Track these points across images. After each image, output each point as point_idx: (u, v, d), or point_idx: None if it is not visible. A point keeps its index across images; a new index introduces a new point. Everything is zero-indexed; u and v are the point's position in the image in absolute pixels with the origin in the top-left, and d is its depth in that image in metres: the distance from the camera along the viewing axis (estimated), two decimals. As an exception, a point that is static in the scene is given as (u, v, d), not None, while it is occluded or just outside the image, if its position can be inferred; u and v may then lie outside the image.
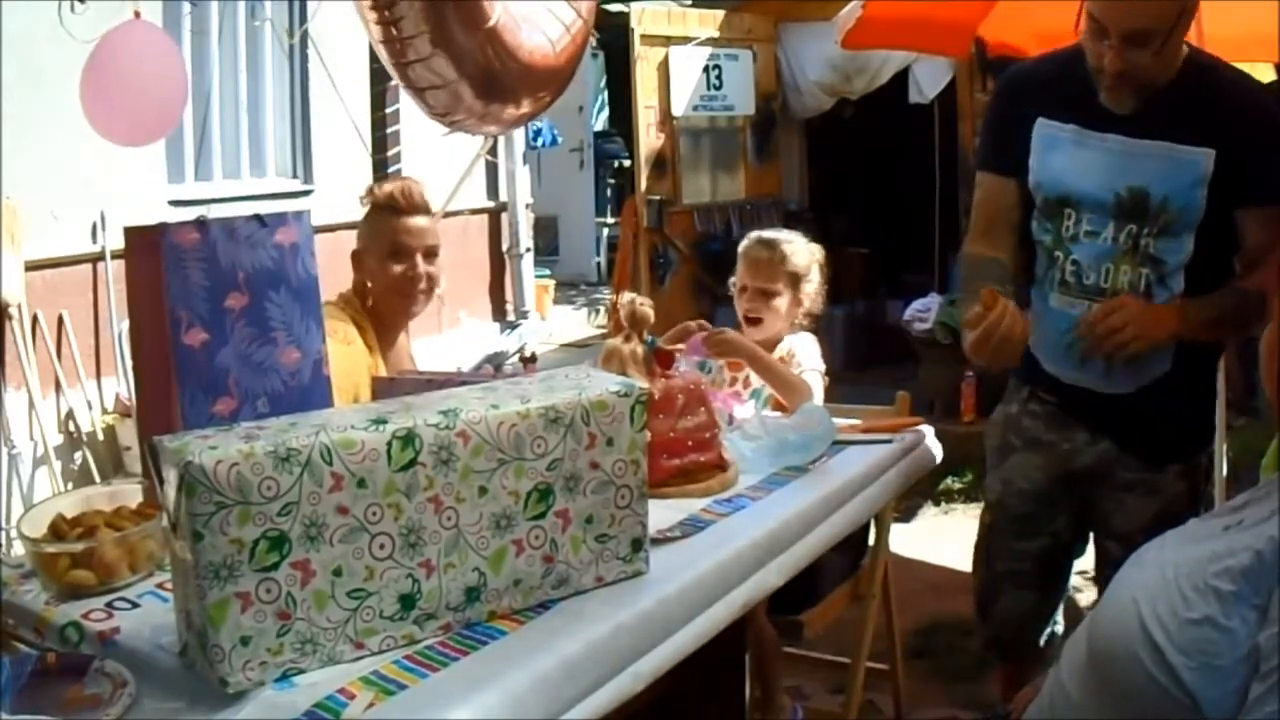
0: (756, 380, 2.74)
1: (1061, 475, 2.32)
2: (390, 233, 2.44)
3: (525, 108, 4.51)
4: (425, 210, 2.49)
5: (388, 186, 2.49)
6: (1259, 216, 2.10)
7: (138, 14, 4.14)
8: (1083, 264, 2.19)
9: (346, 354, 2.30)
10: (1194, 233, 2.12)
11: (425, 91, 4.23)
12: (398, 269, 2.44)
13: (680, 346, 2.54)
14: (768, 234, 2.92)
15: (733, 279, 2.89)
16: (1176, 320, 2.12)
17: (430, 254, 2.48)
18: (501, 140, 7.82)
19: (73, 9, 4.42)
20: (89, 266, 5.39)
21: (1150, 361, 2.17)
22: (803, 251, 2.83)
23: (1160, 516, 2.14)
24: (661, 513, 1.85)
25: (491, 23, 3.98)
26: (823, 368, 2.76)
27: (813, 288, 2.84)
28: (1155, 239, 2.13)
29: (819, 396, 2.66)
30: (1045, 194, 2.24)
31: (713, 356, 2.70)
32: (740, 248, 2.90)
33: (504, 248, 8.43)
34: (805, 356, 2.76)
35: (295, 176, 6.76)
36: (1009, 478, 2.39)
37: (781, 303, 2.80)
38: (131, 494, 1.83)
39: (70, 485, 5.00)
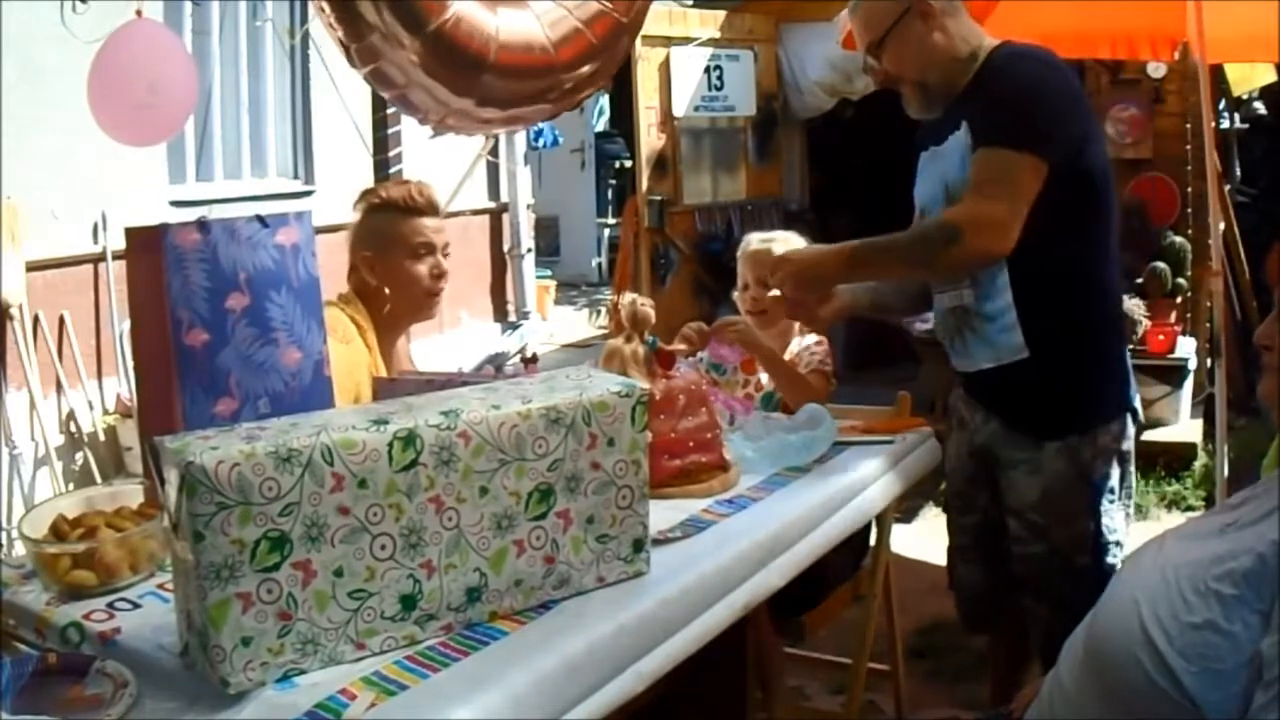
0: (769, 383, 2.76)
1: (971, 452, 2.48)
2: (411, 234, 2.44)
3: (515, 108, 4.43)
4: (438, 210, 2.51)
5: (397, 189, 2.48)
6: (973, 158, 2.21)
7: (139, 13, 4.14)
8: None
9: (346, 353, 2.30)
10: None
11: (394, 92, 4.21)
12: (422, 268, 2.45)
13: (681, 346, 2.54)
14: (764, 234, 2.97)
15: (735, 292, 2.92)
16: (840, 263, 2.32)
17: (446, 251, 2.50)
18: (503, 141, 7.82)
19: (74, 9, 4.42)
20: (90, 267, 5.39)
21: (996, 336, 2.28)
22: (799, 246, 2.86)
23: (1046, 494, 2.31)
24: (662, 513, 1.85)
25: (434, 26, 3.90)
26: (828, 368, 2.78)
27: None
28: None
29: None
30: (917, 210, 2.48)
31: (724, 343, 2.74)
32: (739, 251, 2.94)
33: (505, 248, 8.44)
34: (811, 358, 2.78)
35: (296, 177, 6.76)
36: (950, 455, 2.56)
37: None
38: (132, 494, 1.83)
39: (71, 485, 5.00)
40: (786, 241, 2.89)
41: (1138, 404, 2.40)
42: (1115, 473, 2.33)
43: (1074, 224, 2.24)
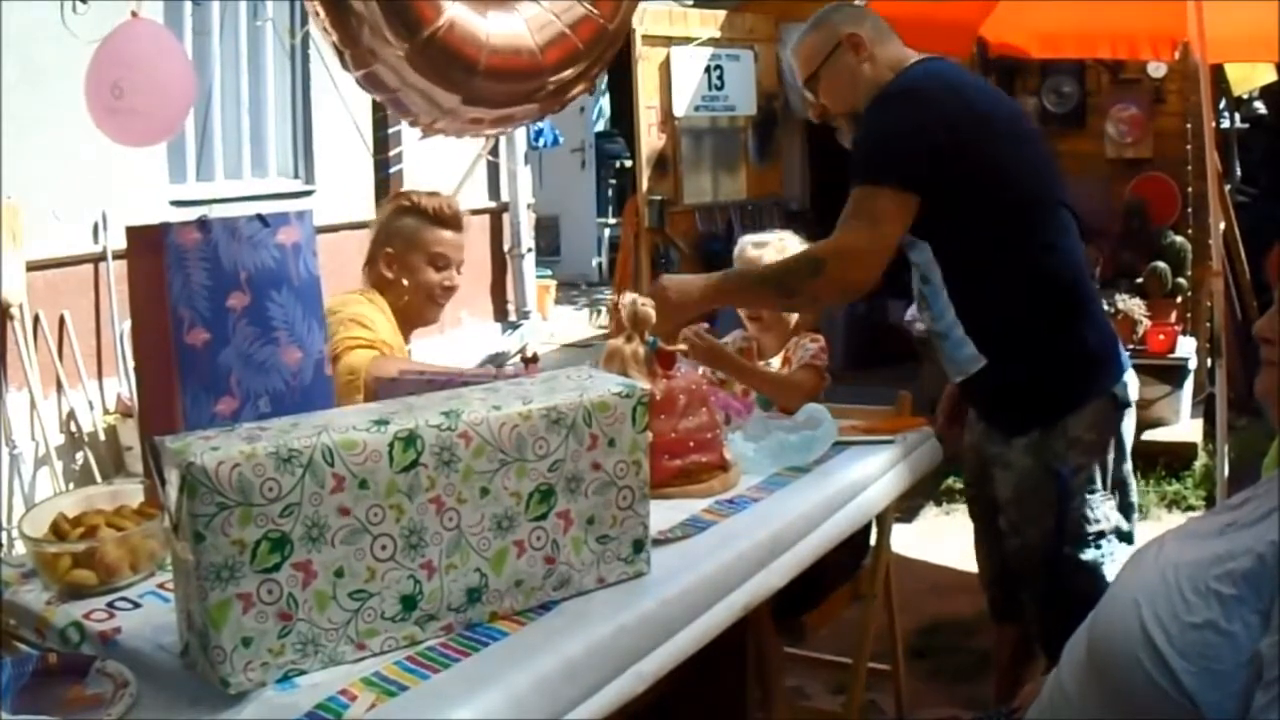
0: None
1: (970, 448, 2.59)
2: (434, 244, 2.61)
3: (503, 108, 4.44)
4: (462, 226, 2.66)
5: (430, 200, 2.63)
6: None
7: (135, 14, 4.13)
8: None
9: (374, 309, 2.51)
10: (916, 235, 2.31)
11: (387, 95, 4.21)
12: (436, 277, 2.61)
13: (682, 346, 2.54)
14: (759, 235, 2.98)
15: None
16: (704, 292, 2.36)
17: (460, 268, 2.67)
18: (503, 140, 7.82)
19: (74, 9, 4.42)
20: (90, 266, 5.39)
21: (954, 352, 2.37)
22: (795, 248, 2.85)
23: (1017, 491, 2.38)
24: (663, 513, 1.85)
25: (427, 32, 3.92)
26: (820, 363, 2.78)
27: None
28: (908, 250, 2.38)
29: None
30: None
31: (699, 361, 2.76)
32: (735, 252, 2.95)
33: (505, 248, 8.43)
34: (804, 353, 2.78)
35: (297, 176, 6.76)
36: (962, 451, 2.65)
37: None
38: (133, 494, 1.83)
39: (72, 485, 5.00)
40: (783, 239, 2.89)
41: (1127, 390, 2.38)
42: (1096, 462, 2.33)
43: (985, 230, 2.28)
